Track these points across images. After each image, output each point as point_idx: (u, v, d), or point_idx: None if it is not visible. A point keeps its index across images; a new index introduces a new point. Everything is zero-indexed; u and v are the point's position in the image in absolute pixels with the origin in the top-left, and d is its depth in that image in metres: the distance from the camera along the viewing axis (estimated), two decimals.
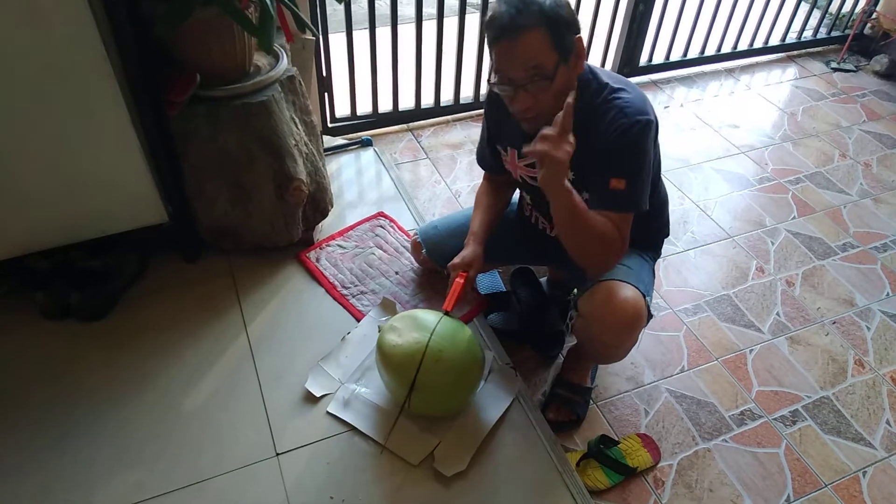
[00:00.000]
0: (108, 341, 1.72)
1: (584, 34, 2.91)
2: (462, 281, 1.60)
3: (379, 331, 1.55)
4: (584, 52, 1.35)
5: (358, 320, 1.81)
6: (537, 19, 1.28)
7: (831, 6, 3.54)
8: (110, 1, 1.40)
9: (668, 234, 1.73)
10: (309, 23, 1.73)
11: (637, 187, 1.39)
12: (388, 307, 1.83)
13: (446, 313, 1.57)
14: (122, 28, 1.45)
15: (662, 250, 1.75)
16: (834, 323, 2.06)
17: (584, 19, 2.84)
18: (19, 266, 1.73)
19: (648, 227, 1.65)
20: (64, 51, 1.40)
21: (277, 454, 1.51)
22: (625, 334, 1.49)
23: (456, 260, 1.64)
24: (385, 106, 2.71)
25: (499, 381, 1.67)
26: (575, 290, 1.94)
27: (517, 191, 1.79)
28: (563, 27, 1.30)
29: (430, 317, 1.53)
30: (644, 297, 1.49)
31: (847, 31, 3.54)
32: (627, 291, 1.46)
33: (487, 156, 1.70)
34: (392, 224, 2.14)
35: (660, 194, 1.64)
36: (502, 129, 1.59)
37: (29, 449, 1.49)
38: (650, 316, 1.53)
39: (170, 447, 1.51)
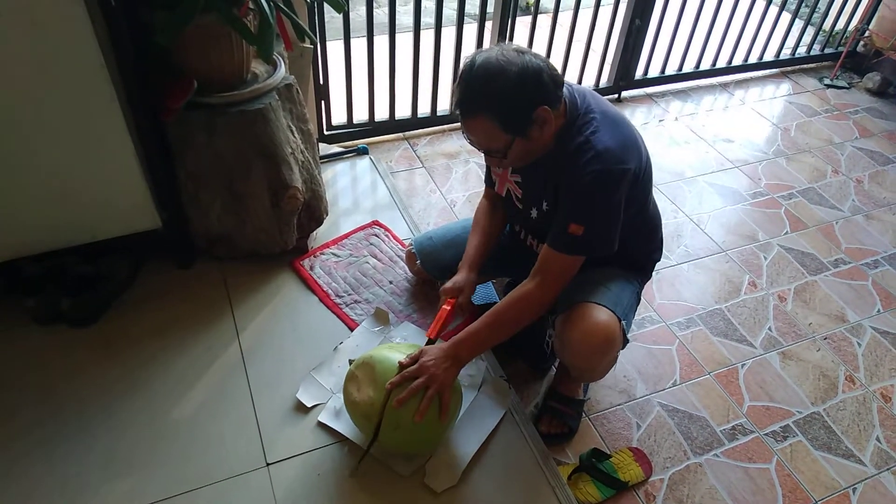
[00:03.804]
0: (99, 347, 1.70)
1: (580, 48, 2.94)
2: (449, 308, 1.59)
3: (349, 364, 1.50)
4: (550, 119, 1.33)
5: (351, 329, 1.81)
6: (481, 107, 1.31)
7: (825, 23, 3.57)
8: (108, 6, 1.40)
9: (659, 258, 1.72)
10: (308, 31, 1.73)
11: (596, 234, 1.39)
12: (381, 317, 1.83)
13: (430, 342, 1.55)
14: (119, 33, 1.45)
15: (656, 264, 1.75)
16: (825, 339, 2.07)
17: (581, 33, 2.88)
18: (11, 270, 1.72)
19: (640, 250, 1.65)
20: (60, 55, 1.39)
21: (268, 464, 1.50)
22: (596, 359, 1.49)
23: (448, 284, 1.64)
24: (381, 114, 2.71)
25: (491, 393, 1.67)
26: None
27: None
28: (515, 110, 1.31)
29: (392, 360, 1.43)
30: (620, 321, 1.48)
31: (840, 49, 3.57)
32: (601, 315, 1.45)
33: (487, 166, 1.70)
34: (387, 233, 2.14)
35: (651, 218, 1.63)
36: None
37: (15, 453, 1.47)
38: (626, 341, 1.52)
39: (159, 455, 1.49)
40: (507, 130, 1.33)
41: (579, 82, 3.07)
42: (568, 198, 1.40)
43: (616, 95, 3.19)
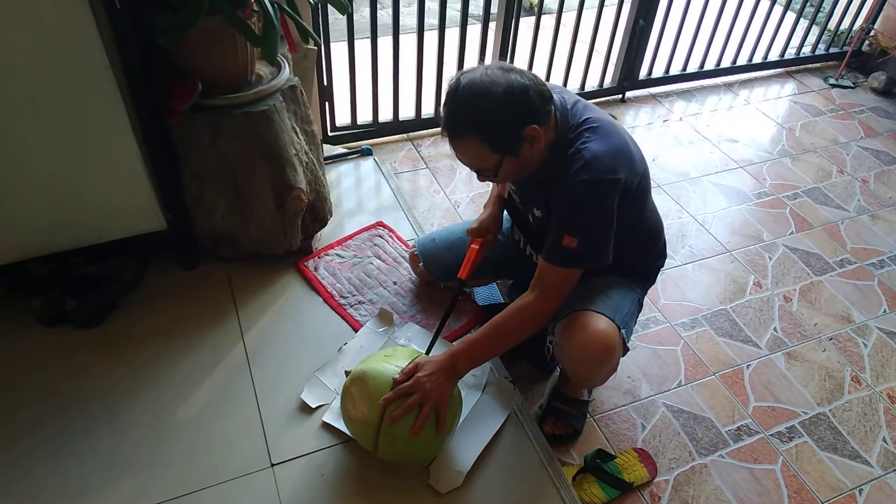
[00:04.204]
0: (104, 348, 1.71)
1: (584, 49, 2.94)
2: (477, 247, 1.62)
3: (346, 376, 1.49)
4: (540, 137, 1.33)
5: (355, 330, 1.81)
6: (467, 129, 1.31)
7: (830, 23, 3.56)
8: (113, 8, 1.40)
9: (662, 264, 1.71)
10: (312, 32, 1.74)
11: (590, 246, 1.38)
12: (385, 318, 1.83)
13: (461, 282, 1.59)
14: (124, 35, 1.45)
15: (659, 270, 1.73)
16: (831, 339, 2.06)
17: (585, 34, 2.87)
18: (17, 270, 1.73)
19: (641, 258, 1.64)
20: (65, 57, 1.40)
21: (272, 465, 1.50)
22: (595, 368, 1.48)
23: (473, 225, 1.65)
24: (385, 115, 2.72)
25: (496, 394, 1.66)
26: None
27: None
28: (502, 130, 1.30)
29: (386, 375, 1.40)
30: (620, 329, 1.47)
31: (845, 48, 3.56)
32: (601, 324, 1.44)
33: None
34: (391, 234, 2.14)
35: (650, 226, 1.62)
36: None
37: (17, 454, 1.47)
38: (626, 349, 1.51)
39: (164, 456, 1.50)
40: (496, 151, 1.33)
41: (583, 83, 3.07)
42: (559, 209, 1.39)
43: (620, 96, 3.19)
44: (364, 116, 2.69)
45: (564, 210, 1.38)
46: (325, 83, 2.47)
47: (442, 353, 1.44)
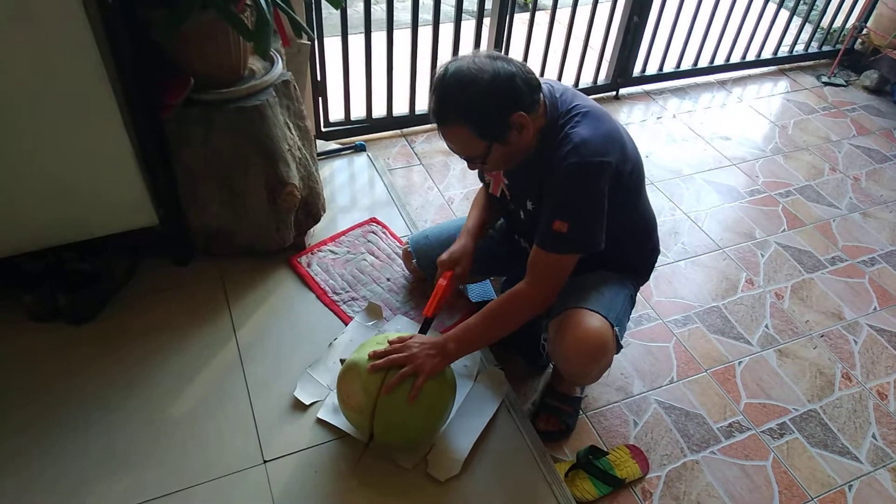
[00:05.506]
0: (96, 344, 1.70)
1: (578, 45, 2.94)
2: (445, 282, 1.58)
3: (341, 363, 1.50)
4: (528, 123, 1.33)
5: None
6: (455, 115, 1.32)
7: (823, 21, 3.57)
8: (106, 3, 1.39)
9: (656, 260, 1.71)
10: (305, 27, 1.73)
11: (582, 231, 1.37)
12: (374, 311, 1.83)
13: (428, 319, 1.55)
14: (117, 31, 1.44)
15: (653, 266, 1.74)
16: (822, 336, 2.07)
17: (579, 30, 2.87)
18: (9, 266, 1.72)
19: (635, 253, 1.64)
20: (58, 53, 1.38)
21: (265, 461, 1.49)
22: (588, 366, 1.48)
23: (444, 255, 1.62)
24: (379, 111, 2.71)
25: (487, 382, 1.67)
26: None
27: None
28: (489, 117, 1.31)
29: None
30: (613, 327, 1.47)
31: (838, 46, 3.58)
32: (594, 321, 1.44)
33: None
34: (384, 230, 2.14)
35: (645, 220, 1.62)
36: None
37: (11, 451, 1.47)
38: (619, 347, 1.52)
39: (156, 453, 1.49)
40: (484, 137, 1.33)
41: (577, 79, 3.07)
42: (550, 194, 1.39)
43: (614, 93, 3.19)
44: (358, 112, 2.68)
45: (554, 194, 1.38)
46: (319, 78, 2.46)
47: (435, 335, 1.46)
